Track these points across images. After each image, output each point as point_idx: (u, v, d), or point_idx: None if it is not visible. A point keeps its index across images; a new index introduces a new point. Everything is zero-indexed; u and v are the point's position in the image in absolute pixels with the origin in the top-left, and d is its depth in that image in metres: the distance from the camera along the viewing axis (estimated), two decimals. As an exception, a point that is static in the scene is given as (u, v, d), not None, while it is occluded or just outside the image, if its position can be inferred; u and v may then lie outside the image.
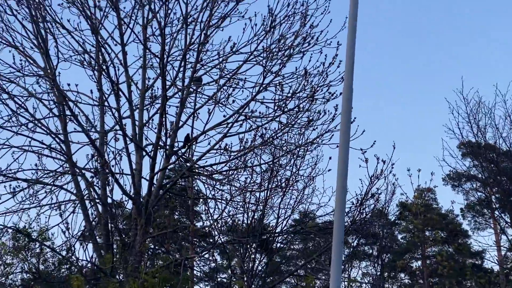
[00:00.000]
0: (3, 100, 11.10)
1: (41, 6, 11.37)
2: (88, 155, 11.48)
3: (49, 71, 11.41)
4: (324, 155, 12.34)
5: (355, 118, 10.50)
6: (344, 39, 10.51)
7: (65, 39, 11.55)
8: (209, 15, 11.41)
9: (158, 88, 11.79)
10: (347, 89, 7.57)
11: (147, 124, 11.71)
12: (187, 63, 11.56)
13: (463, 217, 32.10)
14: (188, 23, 11.37)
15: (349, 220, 12.25)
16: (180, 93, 11.67)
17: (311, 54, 11.15)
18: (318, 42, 11.24)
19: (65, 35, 11.55)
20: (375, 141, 11.25)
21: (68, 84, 11.31)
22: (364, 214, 12.48)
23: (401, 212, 31.86)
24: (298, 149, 11.94)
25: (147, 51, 11.77)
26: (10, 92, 11.14)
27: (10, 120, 11.19)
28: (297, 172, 12.25)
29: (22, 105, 11.18)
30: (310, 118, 11.50)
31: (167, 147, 11.46)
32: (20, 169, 11.19)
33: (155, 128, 11.55)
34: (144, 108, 11.75)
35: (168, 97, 11.50)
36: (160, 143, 11.41)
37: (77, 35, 11.49)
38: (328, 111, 11.35)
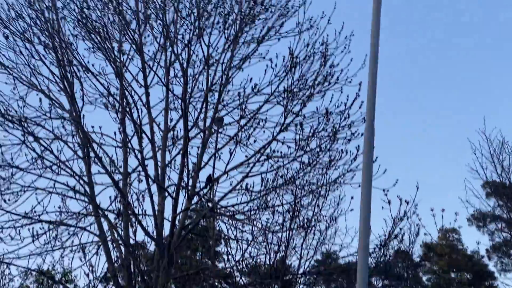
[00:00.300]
0: (28, 143, 11.34)
1: (68, 50, 11.67)
2: (110, 196, 11.62)
3: (74, 114, 11.64)
4: (346, 195, 12.37)
5: (376, 157, 10.53)
6: (365, 77, 10.62)
7: (91, 82, 11.83)
8: (231, 56, 11.61)
9: (180, 129, 11.96)
10: (369, 128, 7.64)
11: (169, 165, 11.84)
12: (208, 104, 11.73)
13: (489, 258, 31.59)
14: (210, 64, 11.57)
15: (372, 261, 12.15)
16: (201, 134, 11.81)
17: (332, 93, 11.31)
18: (339, 81, 11.41)
19: (90, 79, 11.82)
20: (397, 179, 11.27)
21: (92, 127, 11.55)
22: (388, 255, 12.39)
23: (425, 253, 31.45)
24: (320, 189, 11.95)
25: (170, 93, 11.97)
26: (36, 135, 11.38)
27: (35, 163, 11.41)
28: (319, 212, 12.24)
29: (48, 147, 11.40)
30: (332, 158, 11.56)
31: (189, 187, 11.55)
32: (44, 212, 11.33)
33: (177, 168, 11.67)
34: (167, 149, 11.89)
35: (190, 138, 11.65)
36: (182, 183, 11.51)
37: (102, 79, 11.75)
38: (350, 151, 11.43)
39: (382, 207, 11.72)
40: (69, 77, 11.85)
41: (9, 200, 11.39)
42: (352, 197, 11.48)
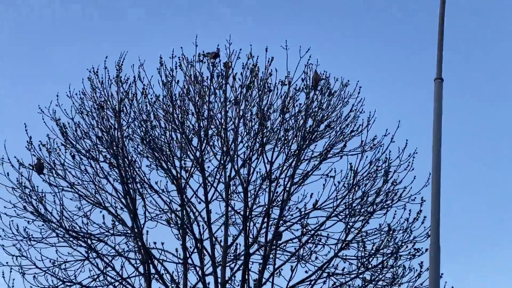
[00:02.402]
0: (91, 260, 11.90)
1: (131, 168, 12.40)
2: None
3: (136, 230, 12.20)
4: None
5: (442, 274, 10.68)
6: (428, 194, 10.96)
7: (152, 198, 12.44)
8: (292, 173, 12.14)
9: (240, 245, 12.34)
10: (434, 245, 7.88)
11: (229, 281, 12.15)
12: (269, 219, 12.14)
13: None
14: (272, 180, 12.10)
15: None
16: (262, 250, 12.15)
17: (395, 210, 11.70)
18: (402, 198, 11.84)
19: (152, 195, 12.45)
20: (465, 296, 11.31)
21: (155, 243, 12.06)
22: None
23: None
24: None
25: (230, 208, 12.46)
26: (99, 251, 11.95)
27: (97, 279, 11.91)
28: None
29: (110, 264, 11.93)
30: (395, 275, 11.77)
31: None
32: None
33: (238, 285, 11.99)
34: (227, 265, 12.24)
35: (250, 253, 12.01)
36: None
37: (164, 195, 12.38)
38: (414, 268, 11.63)
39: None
40: (132, 193, 12.49)
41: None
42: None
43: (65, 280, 11.89)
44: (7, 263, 11.70)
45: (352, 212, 11.68)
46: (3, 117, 22.93)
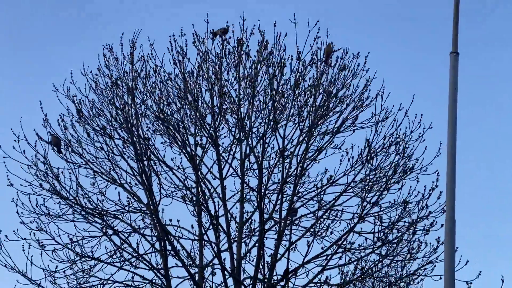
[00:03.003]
0: (108, 236, 12.06)
1: (146, 145, 12.49)
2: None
3: (152, 207, 12.32)
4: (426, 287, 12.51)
5: (457, 247, 10.71)
6: (441, 164, 10.97)
7: (167, 175, 12.55)
8: (305, 148, 12.19)
9: (255, 221, 12.44)
10: (450, 219, 7.91)
11: (245, 257, 12.28)
12: (284, 195, 12.22)
13: None
14: (285, 156, 12.16)
15: None
16: (277, 226, 12.25)
17: (410, 186, 11.76)
18: (414, 170, 11.89)
19: (166, 172, 12.54)
20: (480, 271, 11.40)
21: (170, 220, 12.19)
22: None
23: None
24: (399, 281, 12.12)
25: (245, 185, 12.54)
26: (115, 228, 12.11)
27: (114, 256, 12.08)
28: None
29: (126, 240, 12.08)
30: (411, 249, 11.83)
31: (266, 280, 11.90)
32: (122, 305, 11.88)
33: (253, 261, 12.11)
34: (242, 241, 12.36)
35: (265, 230, 12.11)
36: (259, 276, 11.90)
37: (178, 172, 12.47)
38: (430, 243, 11.69)
39: (466, 300, 11.75)
40: (147, 171, 12.59)
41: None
42: (434, 290, 11.61)
43: (83, 255, 12.06)
44: (25, 239, 11.87)
45: (367, 185, 11.73)
46: (16, 98, 23.22)
